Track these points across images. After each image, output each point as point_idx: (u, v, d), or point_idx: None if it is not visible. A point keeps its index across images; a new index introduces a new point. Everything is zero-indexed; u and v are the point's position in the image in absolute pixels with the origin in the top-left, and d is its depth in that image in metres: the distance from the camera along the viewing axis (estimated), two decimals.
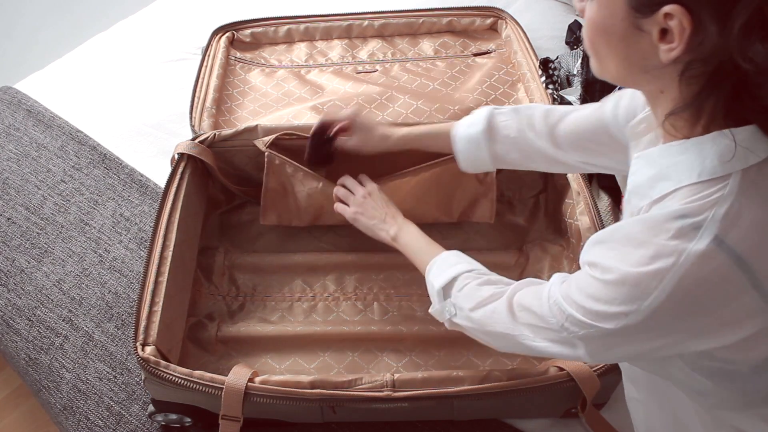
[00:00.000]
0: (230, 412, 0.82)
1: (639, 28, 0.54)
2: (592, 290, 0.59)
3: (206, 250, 1.12)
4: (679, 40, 0.51)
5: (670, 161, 0.57)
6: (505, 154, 0.92)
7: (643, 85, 0.60)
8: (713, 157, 0.54)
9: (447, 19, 1.47)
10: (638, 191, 0.61)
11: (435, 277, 0.83)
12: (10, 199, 1.25)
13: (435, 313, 0.84)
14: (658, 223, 0.54)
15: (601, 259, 0.59)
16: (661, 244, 0.53)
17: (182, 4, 1.70)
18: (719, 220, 0.52)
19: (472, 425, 0.92)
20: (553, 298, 0.64)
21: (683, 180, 0.55)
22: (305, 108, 1.27)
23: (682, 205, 0.54)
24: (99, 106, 1.42)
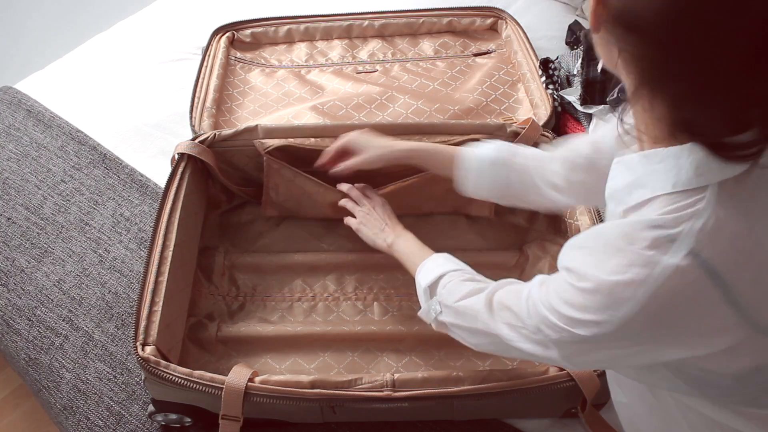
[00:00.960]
0: (230, 411, 0.82)
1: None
2: (567, 296, 0.59)
3: (206, 250, 1.12)
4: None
5: (648, 169, 0.56)
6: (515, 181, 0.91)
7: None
8: (689, 168, 0.53)
9: (447, 19, 1.47)
10: (615, 196, 0.61)
11: (423, 277, 0.85)
12: (10, 199, 1.25)
13: (422, 314, 0.85)
14: (634, 230, 0.54)
15: (577, 264, 0.58)
16: (636, 253, 0.53)
17: (182, 4, 1.70)
18: (695, 234, 0.51)
19: (472, 425, 0.92)
20: (531, 300, 0.64)
21: (658, 189, 0.55)
22: (305, 108, 1.27)
23: (658, 215, 0.53)
24: (99, 106, 1.42)
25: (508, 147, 0.93)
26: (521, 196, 0.92)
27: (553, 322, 0.60)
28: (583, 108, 1.21)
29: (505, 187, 0.92)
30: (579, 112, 1.22)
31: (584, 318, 0.56)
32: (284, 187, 1.14)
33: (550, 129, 1.17)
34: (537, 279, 0.67)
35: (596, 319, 0.55)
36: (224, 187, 1.18)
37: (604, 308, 0.55)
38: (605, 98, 1.19)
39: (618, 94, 1.16)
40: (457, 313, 0.77)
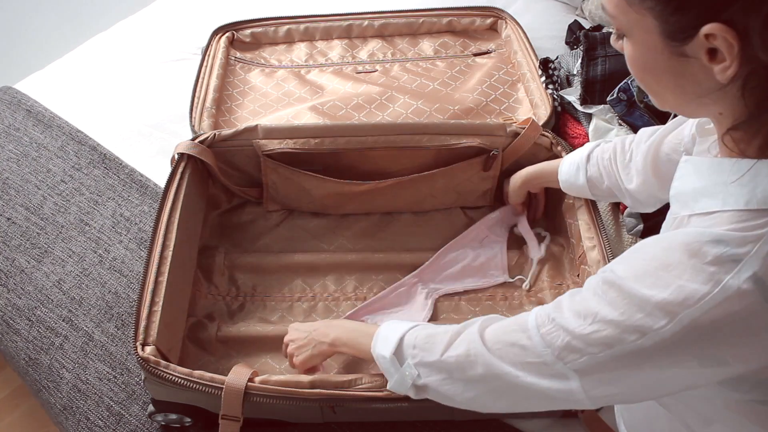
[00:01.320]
0: (230, 411, 0.82)
1: (683, 55, 0.51)
2: (611, 299, 0.55)
3: (206, 250, 1.12)
4: (731, 57, 0.48)
5: (719, 179, 0.54)
6: (599, 179, 0.93)
7: (703, 110, 0.56)
8: (767, 186, 0.50)
9: (447, 19, 1.47)
10: (680, 199, 0.58)
11: (382, 348, 0.75)
12: (10, 199, 1.25)
13: (394, 387, 0.75)
14: (697, 242, 0.51)
15: (631, 273, 0.55)
16: (697, 268, 0.51)
17: (182, 4, 1.70)
18: (762, 258, 0.49)
19: (472, 425, 0.92)
20: (547, 326, 0.60)
21: (730, 203, 0.52)
22: (305, 108, 1.27)
23: (724, 230, 0.51)
24: (99, 106, 1.42)
25: (593, 145, 0.94)
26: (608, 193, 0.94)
27: (584, 341, 0.56)
28: (583, 108, 1.21)
29: (593, 185, 0.94)
30: (579, 112, 1.22)
31: (628, 324, 0.53)
32: (282, 184, 1.14)
33: (549, 129, 1.17)
34: (539, 308, 0.64)
35: (642, 326, 0.53)
36: (224, 187, 1.18)
37: (653, 317, 0.52)
38: (605, 98, 1.19)
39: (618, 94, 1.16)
40: (444, 368, 0.69)
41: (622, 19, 0.54)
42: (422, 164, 1.14)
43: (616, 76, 1.18)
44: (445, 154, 1.12)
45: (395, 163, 1.14)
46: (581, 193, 0.98)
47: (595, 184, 0.94)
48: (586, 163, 0.94)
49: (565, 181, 0.98)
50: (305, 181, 1.13)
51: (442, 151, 1.12)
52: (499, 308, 1.06)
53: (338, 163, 1.14)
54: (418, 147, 1.11)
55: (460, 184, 1.15)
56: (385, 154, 1.12)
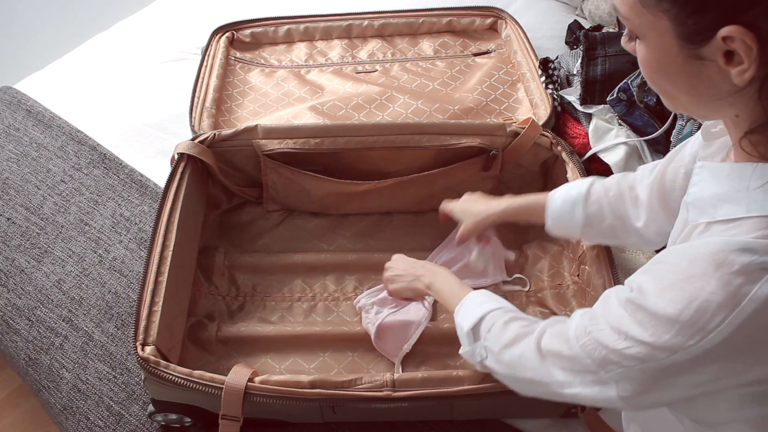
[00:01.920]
0: (230, 411, 0.82)
1: (699, 57, 0.50)
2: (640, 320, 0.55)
3: (206, 250, 1.12)
4: (749, 60, 0.47)
5: (741, 185, 0.52)
6: (599, 216, 0.86)
7: (718, 113, 0.56)
8: None
9: (447, 19, 1.47)
10: (698, 205, 0.57)
11: (463, 319, 0.79)
12: (10, 199, 1.25)
13: (466, 354, 0.79)
14: (722, 251, 0.50)
15: (654, 287, 0.54)
16: (724, 280, 0.49)
17: (182, 4, 1.70)
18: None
19: (472, 425, 0.92)
20: (584, 338, 0.60)
21: (755, 210, 0.51)
22: (305, 108, 1.27)
23: (752, 237, 0.50)
24: (99, 106, 1.42)
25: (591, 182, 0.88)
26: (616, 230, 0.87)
27: (619, 355, 0.56)
28: (583, 108, 1.21)
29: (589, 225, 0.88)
30: (579, 112, 1.22)
31: (659, 344, 0.53)
32: (282, 184, 1.14)
33: (549, 129, 1.17)
34: (579, 315, 0.63)
35: (673, 345, 0.52)
36: (224, 187, 1.18)
37: (683, 336, 0.51)
38: (605, 98, 1.19)
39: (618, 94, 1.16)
40: (504, 362, 0.72)
41: (636, 21, 0.53)
42: (422, 164, 1.14)
43: (616, 76, 1.18)
44: (445, 154, 1.13)
45: (395, 163, 1.14)
46: (569, 232, 0.91)
47: (593, 223, 0.87)
48: (586, 201, 0.87)
49: (556, 218, 0.90)
50: (305, 181, 1.13)
51: (442, 151, 1.12)
52: None
53: (338, 163, 1.14)
54: (417, 147, 1.11)
55: (460, 184, 1.15)
56: (385, 154, 1.12)
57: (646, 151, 1.15)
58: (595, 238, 0.92)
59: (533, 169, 1.18)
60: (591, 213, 0.87)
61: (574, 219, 0.88)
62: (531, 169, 1.18)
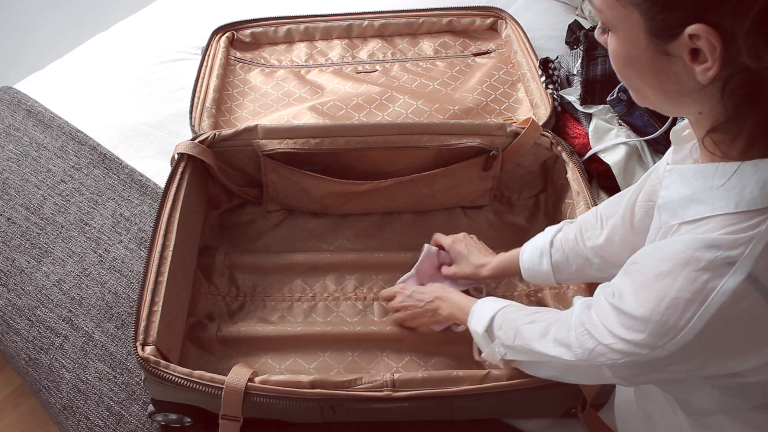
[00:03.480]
0: (230, 411, 0.82)
1: (666, 53, 0.51)
2: (620, 320, 0.58)
3: (206, 250, 1.12)
4: (712, 58, 0.48)
5: (706, 184, 0.54)
6: (563, 261, 0.89)
7: (683, 109, 0.57)
8: (754, 187, 0.50)
9: (447, 19, 1.47)
10: (669, 207, 0.59)
11: (476, 324, 0.84)
12: (10, 199, 1.25)
13: (488, 356, 0.83)
14: (688, 249, 0.52)
15: (630, 287, 0.57)
16: (691, 276, 0.51)
17: (182, 4, 1.70)
18: (755, 258, 0.49)
19: (472, 425, 0.92)
20: (579, 329, 0.64)
21: (719, 208, 0.52)
22: (305, 108, 1.27)
23: (717, 234, 0.51)
24: (99, 106, 1.42)
25: (556, 230, 0.91)
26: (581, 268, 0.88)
27: (606, 348, 0.59)
28: (583, 108, 1.21)
29: (557, 270, 0.90)
30: (579, 112, 1.22)
31: (638, 341, 0.56)
32: (282, 184, 1.14)
33: (549, 129, 1.17)
34: (578, 303, 0.66)
35: (650, 343, 0.55)
36: (224, 187, 1.18)
37: (658, 335, 0.54)
38: (605, 98, 1.19)
39: (618, 94, 1.16)
40: (518, 350, 0.76)
41: (609, 14, 0.54)
42: (422, 164, 1.14)
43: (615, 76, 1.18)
44: (445, 154, 1.13)
45: (395, 163, 1.14)
46: (544, 281, 0.93)
47: (560, 269, 0.90)
48: (550, 248, 0.90)
49: (527, 269, 0.93)
50: (305, 181, 1.13)
51: (442, 151, 1.12)
52: None
53: (338, 163, 1.14)
54: (418, 147, 1.11)
55: (460, 184, 1.15)
56: (385, 154, 1.12)
57: (646, 151, 1.15)
58: (569, 281, 0.94)
59: (533, 169, 1.18)
60: (556, 261, 0.90)
61: (542, 268, 0.91)
62: (531, 169, 1.18)
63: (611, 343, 0.59)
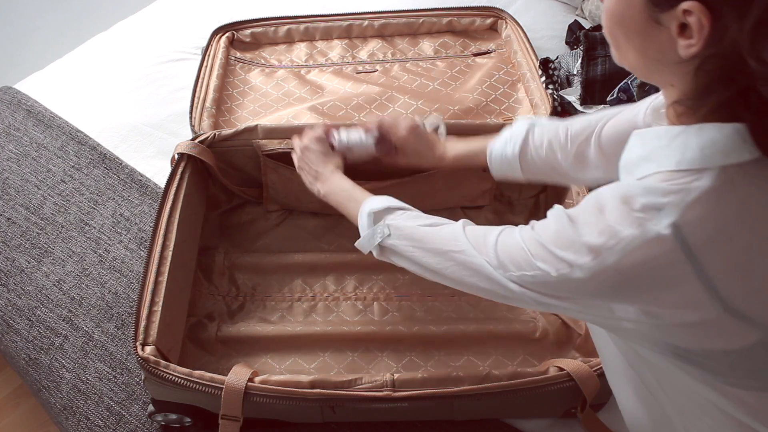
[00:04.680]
0: (230, 411, 0.82)
1: (657, 21, 0.54)
2: (547, 233, 0.61)
3: (206, 250, 1.12)
4: (698, 36, 0.51)
5: (658, 144, 0.58)
6: (535, 169, 0.91)
7: (658, 76, 0.60)
8: (695, 148, 0.54)
9: (447, 19, 1.47)
10: (627, 167, 0.62)
11: (368, 205, 0.82)
12: (10, 199, 1.25)
13: (364, 239, 0.82)
14: (628, 192, 0.56)
15: (573, 211, 0.61)
16: (626, 212, 0.55)
17: (182, 4, 1.70)
18: (683, 208, 0.53)
19: (472, 425, 0.92)
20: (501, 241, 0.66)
21: (663, 165, 0.56)
22: (305, 108, 1.27)
23: (653, 183, 0.55)
24: (99, 106, 1.42)
25: (523, 139, 0.91)
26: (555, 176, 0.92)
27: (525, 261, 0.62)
28: (583, 108, 1.21)
29: (531, 175, 0.93)
30: (579, 112, 1.22)
31: (560, 255, 0.58)
32: (282, 184, 1.14)
33: None
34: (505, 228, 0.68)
35: (570, 258, 0.58)
36: (224, 187, 1.18)
37: (583, 251, 0.57)
38: (605, 98, 1.19)
39: (618, 94, 1.16)
40: (418, 236, 0.76)
41: None
42: None
43: (616, 76, 1.19)
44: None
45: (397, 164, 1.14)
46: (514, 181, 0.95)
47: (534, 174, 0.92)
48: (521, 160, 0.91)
49: (498, 175, 0.95)
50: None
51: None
52: (499, 308, 1.06)
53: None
54: None
55: (460, 184, 1.15)
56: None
57: None
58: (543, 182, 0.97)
59: None
60: (528, 169, 0.91)
61: (514, 175, 0.93)
62: None
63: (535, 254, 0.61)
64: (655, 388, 0.69)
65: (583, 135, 0.85)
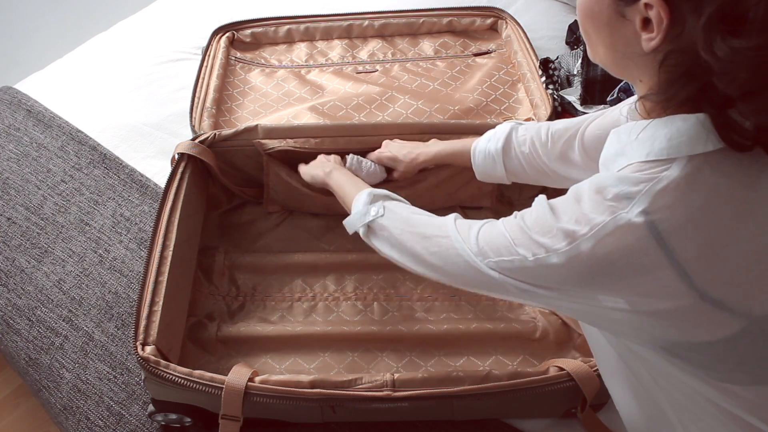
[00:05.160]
0: (230, 411, 0.82)
1: (622, 15, 0.56)
2: (528, 219, 0.63)
3: (206, 250, 1.12)
4: (658, 29, 0.53)
5: (631, 138, 0.60)
6: (519, 169, 0.94)
7: (626, 72, 0.62)
8: (662, 139, 0.56)
9: (447, 19, 1.47)
10: (605, 164, 0.64)
11: (369, 189, 0.86)
12: (10, 199, 1.25)
13: (355, 215, 0.85)
14: (602, 182, 0.58)
15: (554, 200, 0.63)
16: (599, 201, 0.57)
17: (182, 4, 1.70)
18: (652, 196, 0.54)
19: (472, 425, 0.92)
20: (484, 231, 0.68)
21: (634, 158, 0.58)
22: (305, 108, 1.27)
23: (626, 173, 0.57)
24: (99, 106, 1.42)
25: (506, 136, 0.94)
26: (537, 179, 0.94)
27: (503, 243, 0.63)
28: (583, 108, 1.21)
29: (514, 176, 0.96)
30: (579, 112, 1.22)
31: (538, 240, 0.60)
32: (283, 186, 1.14)
33: None
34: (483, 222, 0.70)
35: (547, 244, 0.60)
36: (224, 187, 1.18)
37: (559, 236, 0.59)
38: (605, 98, 1.19)
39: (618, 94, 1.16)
40: (409, 220, 0.78)
41: None
42: None
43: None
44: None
45: None
46: (499, 182, 0.99)
47: (518, 175, 0.96)
48: (504, 157, 0.94)
49: (482, 173, 0.99)
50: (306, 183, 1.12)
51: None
52: (499, 307, 1.06)
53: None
54: None
55: (461, 188, 1.15)
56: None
57: None
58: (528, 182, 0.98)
59: None
60: (511, 168, 0.95)
61: (497, 173, 0.96)
62: None
63: (510, 242, 0.63)
64: (651, 386, 0.69)
65: (565, 135, 0.87)
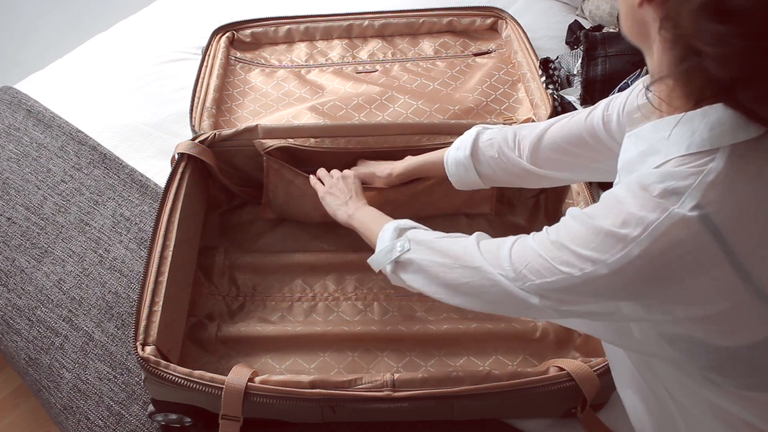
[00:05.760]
0: (230, 411, 0.82)
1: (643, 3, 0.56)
2: (565, 234, 0.60)
3: (206, 250, 1.12)
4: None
5: (660, 135, 0.57)
6: (492, 174, 0.94)
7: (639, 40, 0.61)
8: (703, 130, 0.54)
9: (447, 19, 1.47)
10: (628, 167, 0.62)
11: (395, 222, 0.83)
12: (10, 199, 1.25)
13: (380, 252, 0.82)
14: (646, 180, 0.55)
15: (591, 208, 0.60)
16: (645, 199, 0.54)
17: (182, 4, 1.70)
18: (703, 189, 0.52)
19: (472, 425, 0.92)
20: (516, 246, 0.65)
21: (672, 153, 0.55)
22: (305, 108, 1.27)
23: (669, 168, 0.55)
24: (99, 106, 1.42)
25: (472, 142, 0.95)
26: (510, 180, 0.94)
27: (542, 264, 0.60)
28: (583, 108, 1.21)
29: (489, 180, 0.96)
30: None
31: (582, 253, 0.57)
32: (283, 188, 1.14)
33: None
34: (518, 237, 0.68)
35: (592, 256, 0.56)
36: (224, 187, 1.18)
37: (603, 247, 0.56)
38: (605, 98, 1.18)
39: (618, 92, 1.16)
40: (435, 248, 0.75)
41: None
42: None
43: (616, 76, 1.19)
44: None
45: None
46: (476, 188, 0.99)
47: (492, 179, 0.96)
48: (474, 164, 0.95)
49: (457, 182, 0.99)
50: (307, 186, 1.12)
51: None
52: None
53: (338, 164, 1.14)
54: (418, 147, 1.11)
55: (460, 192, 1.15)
56: (385, 154, 1.12)
57: None
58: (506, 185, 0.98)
59: None
60: (485, 173, 0.95)
61: (471, 180, 0.96)
62: None
63: (554, 257, 0.60)
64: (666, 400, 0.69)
65: (531, 137, 0.87)
